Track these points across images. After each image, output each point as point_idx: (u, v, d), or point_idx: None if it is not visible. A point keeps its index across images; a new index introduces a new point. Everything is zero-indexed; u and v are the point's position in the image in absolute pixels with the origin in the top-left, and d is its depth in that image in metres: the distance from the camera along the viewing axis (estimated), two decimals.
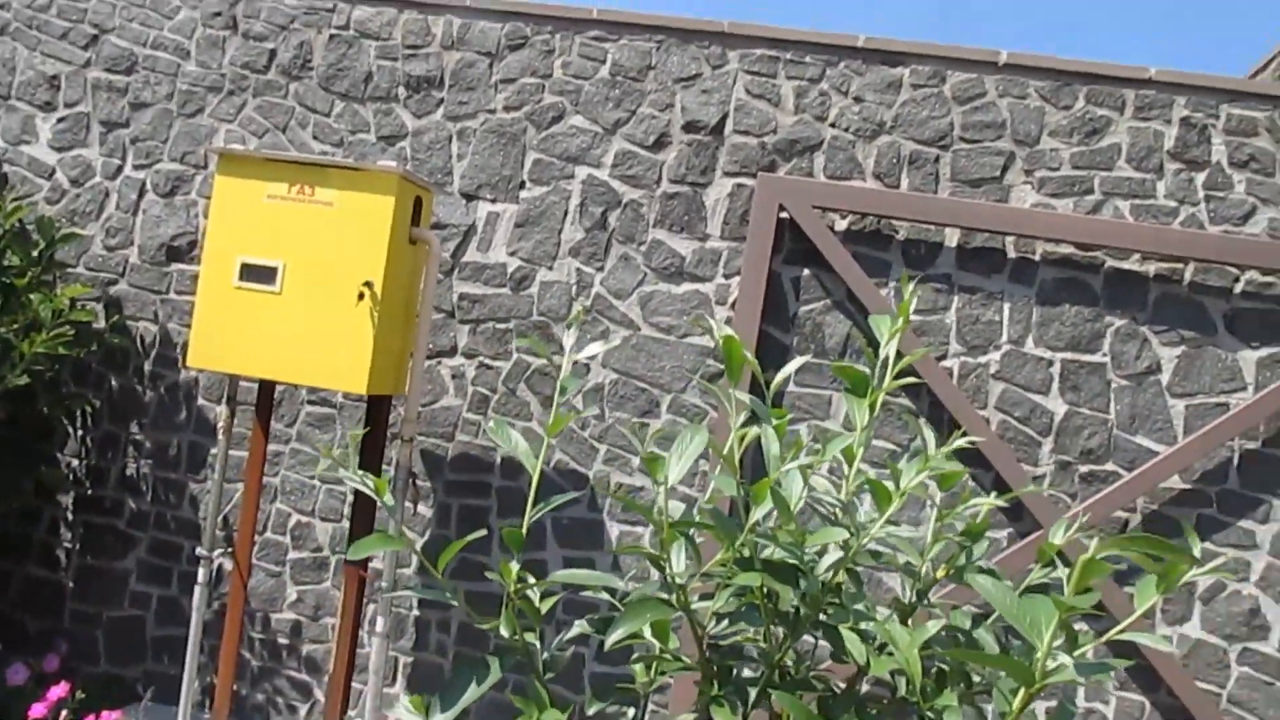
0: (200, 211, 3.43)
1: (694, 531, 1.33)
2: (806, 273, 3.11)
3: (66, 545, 3.47)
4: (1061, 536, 1.36)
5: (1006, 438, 3.00)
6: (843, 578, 1.35)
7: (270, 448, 3.32)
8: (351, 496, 3.22)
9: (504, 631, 1.23)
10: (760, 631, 1.35)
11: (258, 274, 2.63)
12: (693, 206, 3.18)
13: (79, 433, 3.47)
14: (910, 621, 1.40)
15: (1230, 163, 2.96)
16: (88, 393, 3.44)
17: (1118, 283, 2.99)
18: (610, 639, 1.13)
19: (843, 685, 1.40)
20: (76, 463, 3.47)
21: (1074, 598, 1.08)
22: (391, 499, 1.25)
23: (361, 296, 2.57)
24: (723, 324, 3.14)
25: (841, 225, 3.10)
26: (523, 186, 3.26)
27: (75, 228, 3.46)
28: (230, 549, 3.32)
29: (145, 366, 3.44)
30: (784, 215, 3.07)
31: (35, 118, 3.54)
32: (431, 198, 2.90)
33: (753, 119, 3.16)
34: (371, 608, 3.20)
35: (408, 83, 3.32)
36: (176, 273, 3.44)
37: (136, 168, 3.47)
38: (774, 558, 1.25)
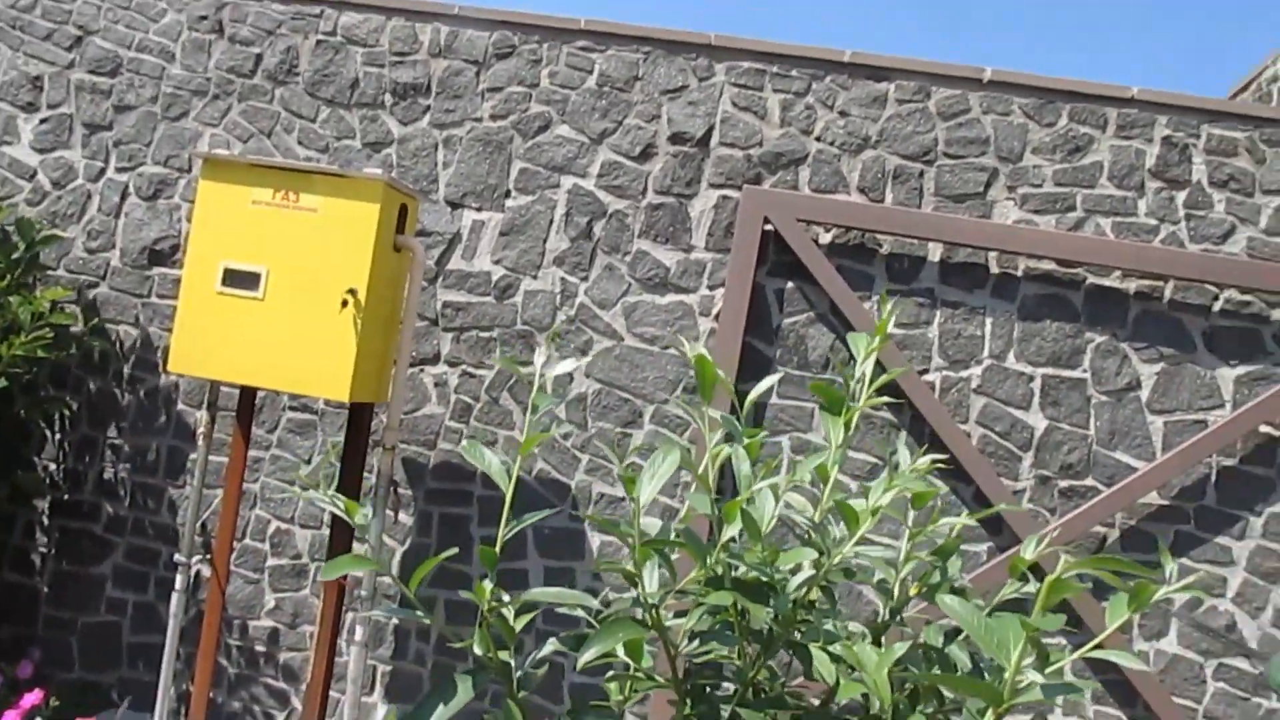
0: (183, 216, 3.41)
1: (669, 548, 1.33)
2: (790, 285, 3.12)
3: (42, 550, 3.44)
4: (1032, 552, 1.36)
5: (987, 452, 3.02)
6: (816, 595, 1.35)
7: (251, 454, 3.30)
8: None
9: (478, 650, 1.22)
10: (734, 650, 1.35)
11: (241, 279, 2.62)
12: (678, 218, 3.19)
13: (56, 436, 3.44)
14: (883, 639, 1.40)
15: (1210, 182, 2.99)
16: (66, 396, 3.42)
17: (1098, 299, 3.01)
18: (582, 659, 1.13)
19: (816, 702, 1.40)
20: (54, 467, 3.44)
21: (1041, 618, 1.08)
22: (364, 519, 1.24)
23: (345, 303, 2.56)
24: (705, 337, 3.15)
25: (826, 239, 3.11)
26: (508, 195, 3.26)
27: (56, 230, 3.44)
28: (208, 555, 3.30)
29: (125, 370, 3.42)
30: (769, 228, 3.08)
31: (17, 118, 3.51)
32: (417, 205, 2.89)
33: (739, 131, 3.17)
34: (350, 616, 3.18)
35: (394, 90, 3.32)
36: (158, 276, 3.42)
37: (119, 170, 3.45)
38: (745, 576, 1.25)
